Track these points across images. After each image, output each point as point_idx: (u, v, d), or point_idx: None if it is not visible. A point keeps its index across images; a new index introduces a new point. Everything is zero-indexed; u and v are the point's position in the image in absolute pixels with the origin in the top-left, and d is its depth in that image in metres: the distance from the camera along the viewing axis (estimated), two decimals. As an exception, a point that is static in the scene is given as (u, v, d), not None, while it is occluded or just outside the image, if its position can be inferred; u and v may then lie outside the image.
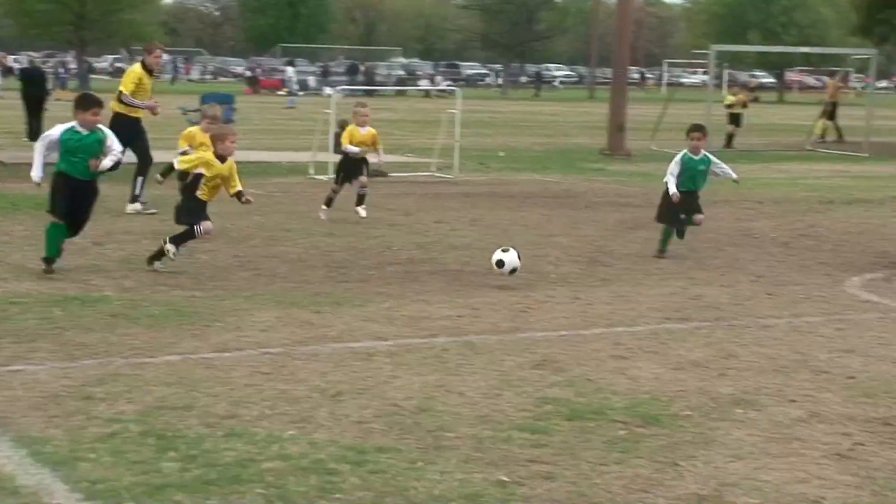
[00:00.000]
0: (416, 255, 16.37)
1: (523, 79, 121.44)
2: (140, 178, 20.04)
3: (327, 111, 27.82)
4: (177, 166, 15.58)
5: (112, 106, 19.92)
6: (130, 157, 18.35)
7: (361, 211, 19.17)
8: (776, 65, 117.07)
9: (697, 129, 17.25)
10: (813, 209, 23.16)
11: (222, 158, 14.65)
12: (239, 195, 14.76)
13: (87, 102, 14.18)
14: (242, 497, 7.20)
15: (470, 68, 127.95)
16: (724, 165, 17.40)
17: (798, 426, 9.01)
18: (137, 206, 19.79)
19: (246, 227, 18.05)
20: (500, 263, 14.29)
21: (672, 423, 8.96)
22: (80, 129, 13.95)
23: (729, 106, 42.71)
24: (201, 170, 14.58)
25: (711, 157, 17.19)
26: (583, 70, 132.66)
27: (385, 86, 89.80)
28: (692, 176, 16.87)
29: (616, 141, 36.52)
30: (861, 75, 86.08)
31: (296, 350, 10.85)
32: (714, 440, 8.59)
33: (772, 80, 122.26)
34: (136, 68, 20.47)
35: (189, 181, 14.74)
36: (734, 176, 17.59)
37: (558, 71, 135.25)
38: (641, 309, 13.22)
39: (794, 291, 14.48)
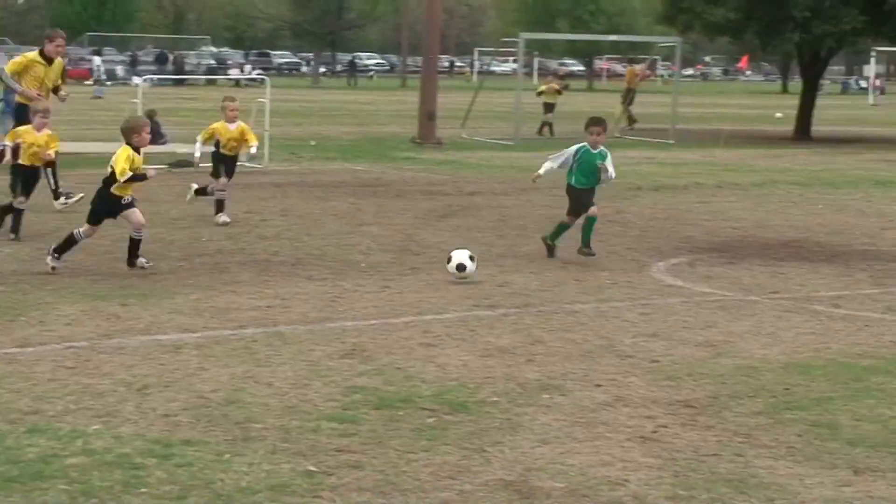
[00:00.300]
0: (226, 246, 16.27)
1: (339, 67, 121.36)
2: (50, 170, 19.06)
3: (135, 101, 27.49)
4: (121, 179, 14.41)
5: (16, 98, 19.54)
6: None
7: (221, 217, 18.21)
8: (585, 53, 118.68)
9: (597, 124, 15.91)
10: (620, 195, 23.44)
11: (138, 150, 14.36)
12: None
13: None
14: (45, 493, 7.10)
15: (281, 57, 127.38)
16: (611, 167, 15.99)
17: (603, 410, 9.15)
18: (63, 199, 19.19)
19: (51, 220, 17.74)
20: (462, 267, 14.13)
21: (479, 410, 9.04)
22: None
23: (540, 93, 43.12)
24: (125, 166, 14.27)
25: (609, 155, 15.97)
26: (394, 59, 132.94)
27: (194, 75, 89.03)
28: (590, 171, 15.77)
29: (427, 129, 36.62)
30: (668, 63, 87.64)
31: (101, 343, 10.72)
32: (520, 425, 8.70)
33: (581, 68, 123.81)
34: (31, 54, 19.87)
35: (107, 178, 14.31)
36: (612, 177, 16.21)
37: (370, 59, 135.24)
38: (451, 297, 13.31)
39: (601, 277, 14.70)
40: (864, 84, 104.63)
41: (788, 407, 9.33)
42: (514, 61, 72.23)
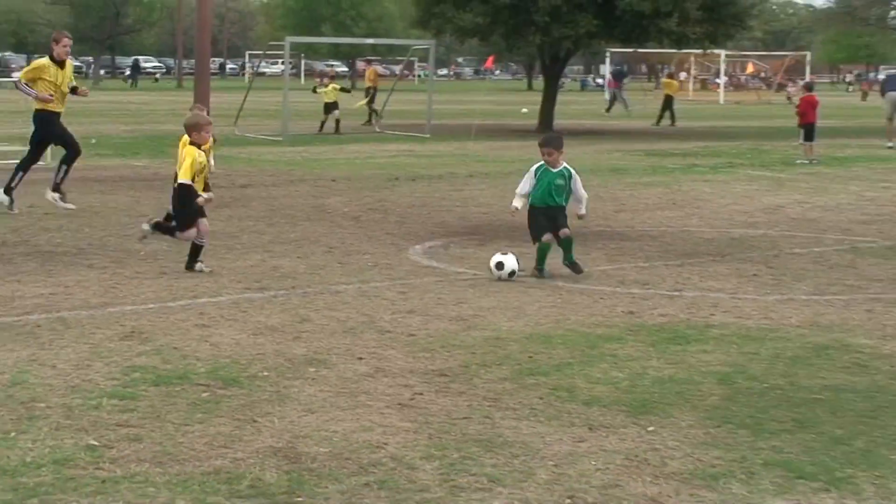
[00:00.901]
0: (10, 238, 15.91)
1: (123, 70, 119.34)
2: (64, 167, 18.68)
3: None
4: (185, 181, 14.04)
5: (33, 104, 18.66)
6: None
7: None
8: (348, 55, 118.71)
9: (547, 144, 14.26)
10: (381, 185, 23.63)
11: (199, 147, 13.95)
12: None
13: None
14: None
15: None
16: (580, 189, 14.40)
17: (365, 381, 9.22)
18: (57, 195, 18.50)
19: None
20: (500, 265, 13.66)
21: (251, 384, 9.03)
22: None
23: (314, 90, 42.96)
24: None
25: (573, 171, 14.33)
26: (170, 61, 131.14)
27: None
28: (549, 191, 14.02)
29: (201, 127, 36.21)
30: (424, 64, 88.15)
31: None
32: (289, 397, 8.72)
33: (345, 68, 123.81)
34: (43, 59, 18.85)
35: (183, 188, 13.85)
36: (582, 212, 14.52)
37: (147, 62, 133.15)
38: (224, 281, 13.24)
39: (363, 260, 14.77)
40: (600, 82, 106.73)
41: (531, 373, 9.53)
42: (283, 63, 71.97)
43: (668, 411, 8.54)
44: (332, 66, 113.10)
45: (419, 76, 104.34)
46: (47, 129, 18.61)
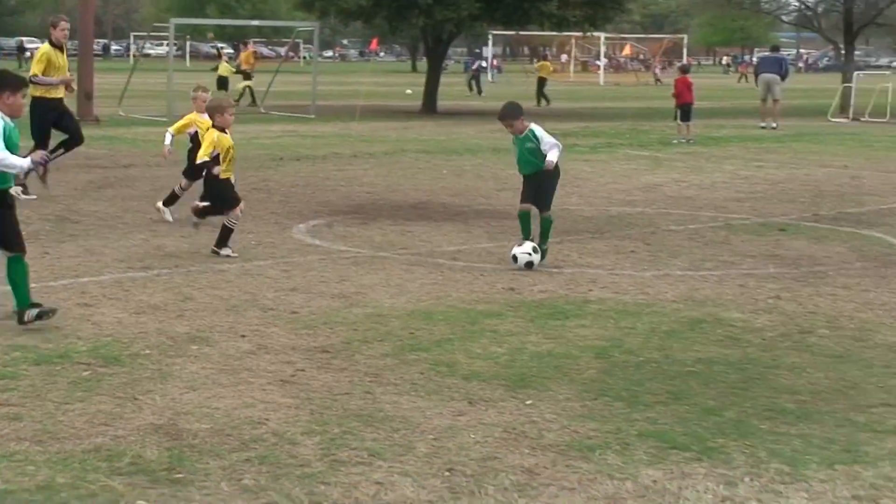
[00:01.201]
0: None
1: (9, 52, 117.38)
2: (62, 151, 18.07)
3: None
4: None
5: (30, 91, 17.87)
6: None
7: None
8: (233, 36, 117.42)
9: (503, 119, 13.90)
10: (265, 165, 23.47)
11: (223, 130, 13.64)
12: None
13: None
14: None
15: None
16: (547, 138, 13.47)
17: (247, 358, 9.17)
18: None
19: None
20: (515, 258, 13.07)
21: (132, 362, 8.94)
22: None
23: (215, 69, 42.65)
24: (216, 150, 13.53)
25: (537, 132, 13.52)
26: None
27: None
28: (526, 157, 13.50)
29: (85, 108, 35.60)
30: (309, 46, 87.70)
31: None
32: (170, 375, 8.64)
33: (231, 50, 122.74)
34: (44, 47, 18.19)
35: (206, 170, 13.59)
36: (549, 158, 13.30)
37: (31, 43, 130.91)
38: (107, 260, 13.07)
39: (247, 239, 14.65)
40: (483, 64, 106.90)
41: (413, 349, 9.54)
42: (168, 45, 71.15)
43: (547, 385, 8.59)
44: (216, 47, 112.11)
45: (304, 58, 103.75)
46: (44, 116, 18.06)
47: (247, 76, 46.28)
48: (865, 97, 43.36)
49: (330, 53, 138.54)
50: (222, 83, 42.08)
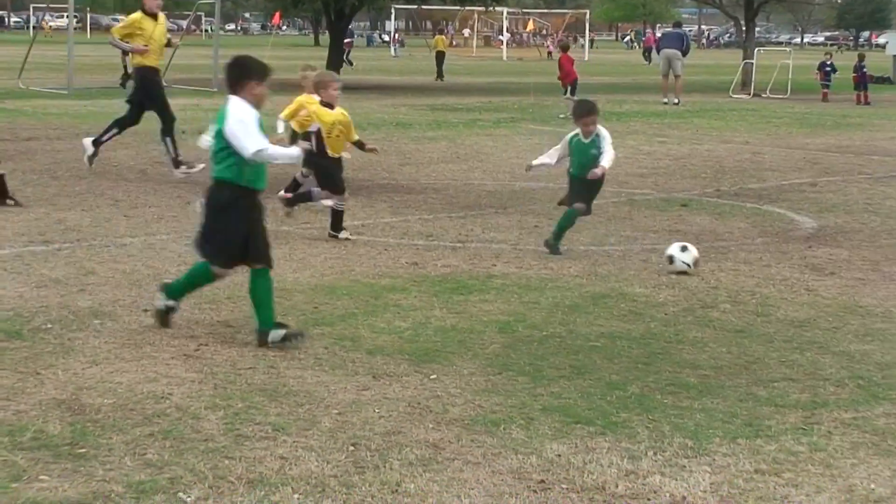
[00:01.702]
0: None
1: None
2: (168, 140, 18.00)
3: None
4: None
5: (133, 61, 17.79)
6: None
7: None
8: (134, 9, 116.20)
9: (591, 113, 13.04)
10: (168, 139, 23.20)
11: (329, 106, 13.15)
12: (360, 144, 13.54)
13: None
14: None
15: None
16: (608, 148, 12.94)
17: (150, 333, 9.08)
18: (184, 168, 17.73)
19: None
20: (671, 259, 12.08)
21: (34, 336, 8.83)
22: None
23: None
24: (315, 125, 13.13)
25: (603, 137, 12.92)
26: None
27: None
28: (583, 162, 12.94)
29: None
30: (211, 19, 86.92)
31: None
32: (73, 349, 8.54)
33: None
34: (135, 14, 17.90)
35: (311, 142, 13.14)
36: (605, 165, 12.88)
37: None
38: (7, 234, 12.88)
39: (150, 213, 14.53)
40: (386, 38, 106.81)
41: (317, 323, 9.51)
42: (68, 16, 70.22)
43: (451, 359, 8.61)
44: (116, 19, 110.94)
45: (206, 31, 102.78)
46: (150, 89, 17.94)
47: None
48: (766, 73, 43.89)
49: (232, 27, 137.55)
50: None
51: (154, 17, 17.97)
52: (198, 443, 6.76)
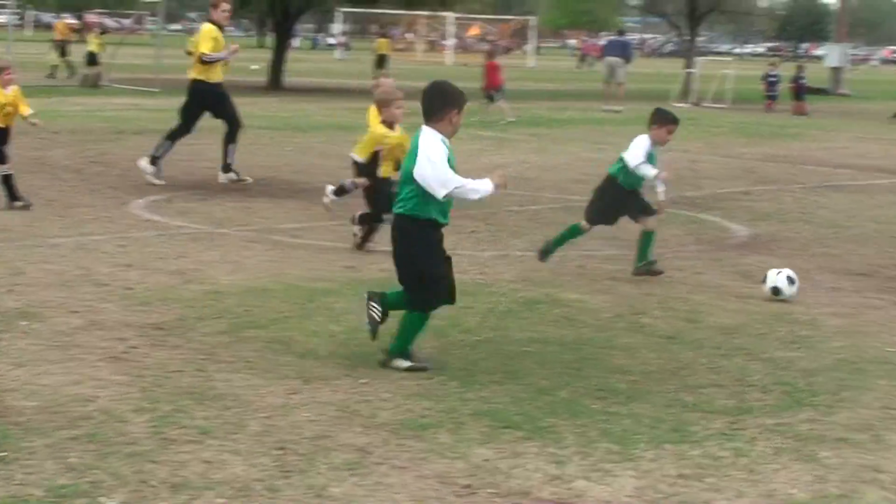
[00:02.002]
0: None
1: None
2: (231, 146, 17.49)
3: None
4: (358, 159, 13.02)
5: (190, 74, 17.24)
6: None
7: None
8: (77, 7, 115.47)
9: (676, 122, 12.39)
10: (105, 138, 23.10)
11: (391, 126, 12.67)
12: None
13: None
14: None
15: None
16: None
17: (78, 334, 9.01)
18: (232, 175, 17.26)
19: None
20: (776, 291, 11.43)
21: (-41, 338, 8.74)
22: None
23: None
24: (379, 146, 12.70)
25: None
26: None
27: None
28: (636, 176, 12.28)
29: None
30: (155, 18, 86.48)
31: None
32: (-2, 351, 8.46)
33: (76, 21, 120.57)
34: (208, 26, 17.36)
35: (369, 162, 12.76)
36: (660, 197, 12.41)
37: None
38: (-63, 233, 12.76)
39: (83, 213, 14.43)
40: (331, 41, 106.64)
41: (248, 326, 9.47)
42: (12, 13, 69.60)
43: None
44: (60, 17, 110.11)
45: (150, 30, 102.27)
46: (201, 101, 17.84)
47: (61, 49, 45.51)
48: (707, 83, 44.13)
49: (177, 27, 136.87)
50: (92, 59, 41.24)
51: (221, 28, 17.62)
52: (122, 446, 6.70)
